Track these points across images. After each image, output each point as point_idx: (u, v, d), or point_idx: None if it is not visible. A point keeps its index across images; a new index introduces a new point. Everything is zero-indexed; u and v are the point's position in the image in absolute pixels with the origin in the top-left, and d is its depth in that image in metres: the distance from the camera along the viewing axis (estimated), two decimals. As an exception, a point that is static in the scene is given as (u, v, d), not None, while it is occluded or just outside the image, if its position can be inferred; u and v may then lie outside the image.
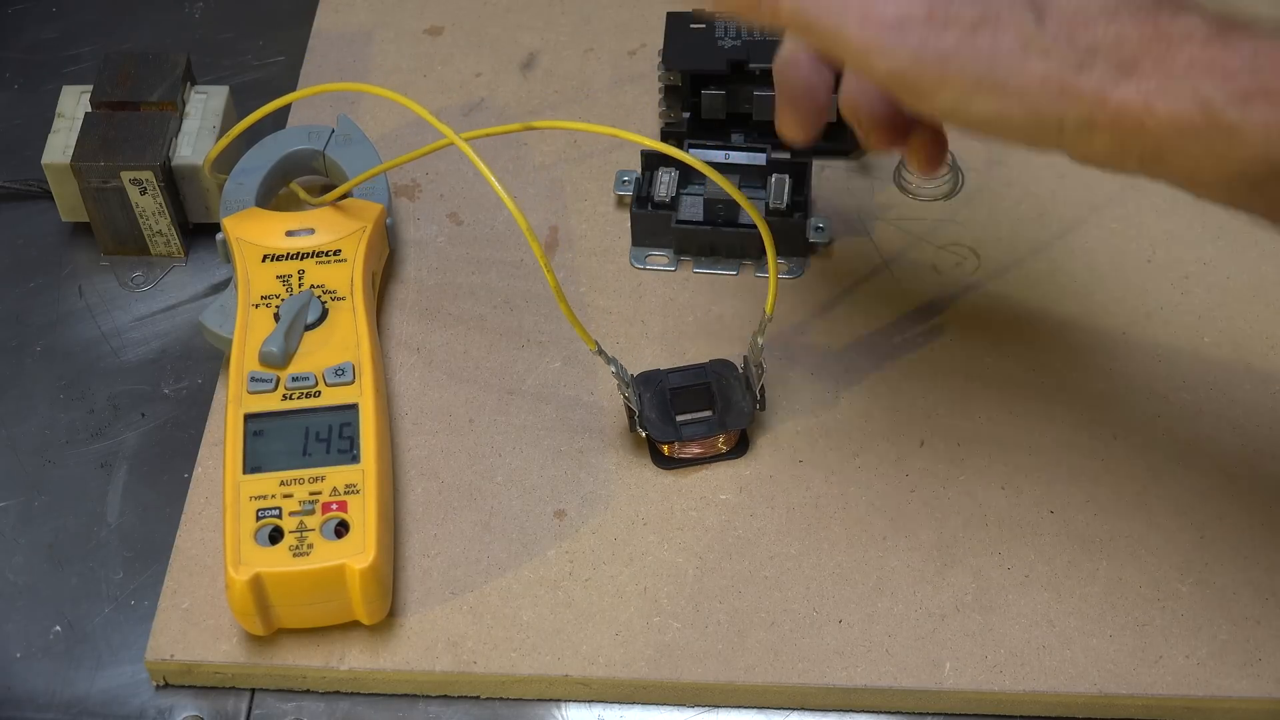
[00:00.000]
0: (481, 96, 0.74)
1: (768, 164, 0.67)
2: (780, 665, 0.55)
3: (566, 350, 0.64)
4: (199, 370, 0.65)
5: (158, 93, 0.67)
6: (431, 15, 0.78)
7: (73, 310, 0.68)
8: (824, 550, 0.58)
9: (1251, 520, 0.58)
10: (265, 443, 0.57)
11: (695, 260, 0.67)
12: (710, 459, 0.61)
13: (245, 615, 0.55)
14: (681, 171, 0.67)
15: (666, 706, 0.56)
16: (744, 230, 0.66)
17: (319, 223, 0.63)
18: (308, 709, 0.56)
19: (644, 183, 0.67)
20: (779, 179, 0.66)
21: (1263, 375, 0.63)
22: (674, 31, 0.70)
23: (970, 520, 0.59)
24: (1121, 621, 0.56)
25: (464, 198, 0.70)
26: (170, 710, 0.56)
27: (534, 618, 0.57)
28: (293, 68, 0.76)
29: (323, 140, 0.67)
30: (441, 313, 0.66)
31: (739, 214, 0.66)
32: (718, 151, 0.67)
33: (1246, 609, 0.56)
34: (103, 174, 0.66)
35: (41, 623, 0.58)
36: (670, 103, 0.70)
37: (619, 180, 0.69)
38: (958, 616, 0.56)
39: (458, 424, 0.62)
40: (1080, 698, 0.55)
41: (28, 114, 0.75)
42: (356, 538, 0.54)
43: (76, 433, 0.64)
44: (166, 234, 0.68)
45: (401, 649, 0.56)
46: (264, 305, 0.60)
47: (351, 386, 0.58)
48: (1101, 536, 0.58)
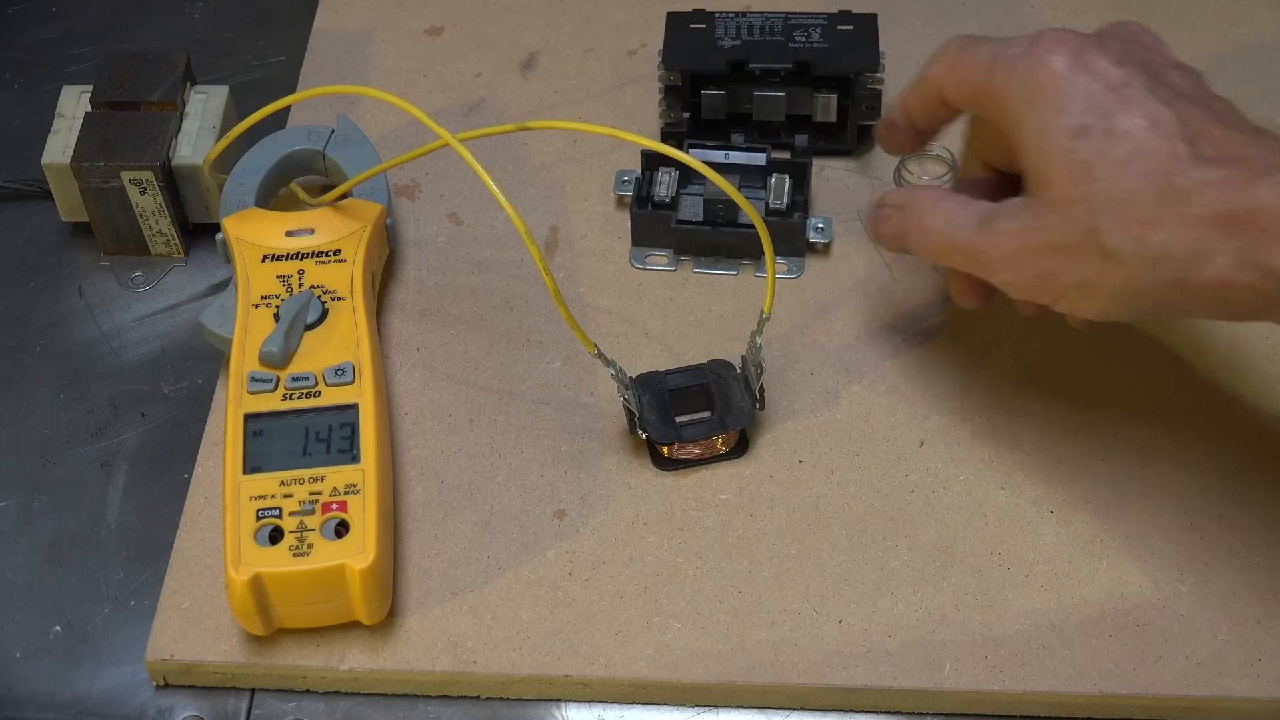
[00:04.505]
0: (481, 97, 0.74)
1: (767, 164, 0.67)
2: (780, 665, 0.55)
3: (566, 350, 0.64)
4: (199, 370, 0.65)
5: (158, 93, 0.67)
6: (431, 15, 0.78)
7: (73, 310, 0.68)
8: (824, 550, 0.58)
9: (1251, 520, 0.58)
10: (265, 443, 0.57)
11: (695, 260, 0.67)
12: (710, 459, 0.61)
13: (245, 615, 0.55)
14: (681, 171, 0.67)
15: (666, 706, 0.56)
16: (744, 230, 0.66)
17: (319, 223, 0.63)
18: (308, 709, 0.56)
19: (644, 183, 0.67)
20: (779, 179, 0.66)
21: (1263, 375, 0.63)
22: (674, 31, 0.70)
23: (970, 520, 0.59)
24: (1121, 621, 0.56)
25: (464, 198, 0.70)
26: (170, 710, 0.56)
27: (534, 618, 0.57)
28: (293, 68, 0.76)
29: (322, 140, 0.67)
30: (441, 313, 0.66)
31: (739, 214, 0.66)
32: (718, 151, 0.67)
33: (1246, 609, 0.56)
34: (103, 174, 0.66)
35: (41, 623, 0.58)
36: (670, 103, 0.70)
37: (619, 180, 0.69)
38: (958, 616, 0.56)
39: (458, 424, 0.62)
40: (1080, 698, 0.55)
41: (28, 114, 0.75)
42: (356, 538, 0.54)
43: (76, 433, 0.64)
44: (166, 234, 0.68)
45: (401, 649, 0.56)
46: (264, 305, 0.60)
47: (351, 386, 0.58)
48: (1101, 536, 0.58)
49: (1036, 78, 0.53)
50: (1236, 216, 0.49)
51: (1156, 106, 0.52)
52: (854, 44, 0.68)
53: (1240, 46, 0.75)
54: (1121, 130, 0.51)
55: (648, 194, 0.67)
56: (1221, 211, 0.50)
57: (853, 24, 0.69)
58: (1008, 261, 0.54)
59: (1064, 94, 0.52)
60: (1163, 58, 0.55)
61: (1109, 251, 0.51)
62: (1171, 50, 0.56)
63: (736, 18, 0.70)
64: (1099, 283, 0.52)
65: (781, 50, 0.68)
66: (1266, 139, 0.51)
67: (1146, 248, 0.51)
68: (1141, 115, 0.52)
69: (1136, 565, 0.58)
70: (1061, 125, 0.52)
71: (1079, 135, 0.52)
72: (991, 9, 0.77)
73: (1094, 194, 0.51)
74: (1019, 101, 0.54)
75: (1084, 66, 0.53)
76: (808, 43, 0.68)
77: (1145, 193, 0.51)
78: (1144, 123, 0.51)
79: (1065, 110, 0.52)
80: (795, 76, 0.68)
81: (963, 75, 0.56)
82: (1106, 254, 0.52)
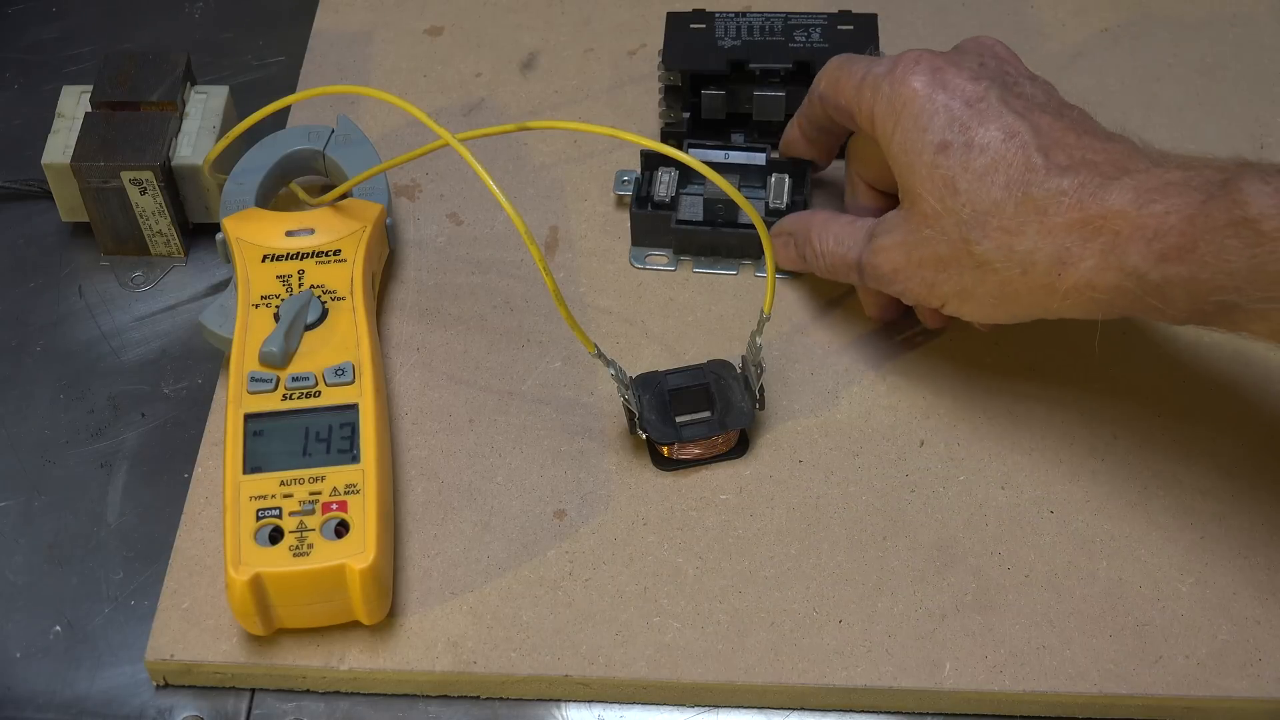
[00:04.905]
0: (481, 97, 0.74)
1: (767, 164, 0.67)
2: (780, 665, 0.55)
3: (566, 350, 0.64)
4: (199, 370, 0.65)
5: (158, 93, 0.67)
6: (431, 15, 0.78)
7: (73, 310, 0.68)
8: (824, 550, 0.58)
9: (1251, 520, 0.58)
10: (265, 443, 0.57)
11: (695, 260, 0.67)
12: (710, 459, 0.61)
13: (245, 615, 0.55)
14: (681, 171, 0.67)
15: (666, 706, 0.56)
16: (744, 230, 0.66)
17: (319, 223, 0.63)
18: (308, 709, 0.56)
19: (644, 183, 0.67)
20: (779, 179, 0.66)
21: (1263, 375, 0.63)
22: (674, 31, 0.70)
23: (970, 520, 0.59)
24: (1121, 621, 0.56)
25: (464, 198, 0.70)
26: (170, 710, 0.56)
27: (534, 618, 0.57)
28: (293, 68, 0.76)
29: (322, 140, 0.67)
30: (441, 313, 0.66)
31: (739, 214, 0.66)
32: (717, 151, 0.67)
33: (1246, 609, 0.56)
34: (103, 174, 0.66)
35: (41, 623, 0.58)
36: (670, 103, 0.70)
37: (619, 180, 0.69)
38: (958, 616, 0.56)
39: (458, 424, 0.62)
40: (1080, 698, 0.55)
41: (28, 114, 0.75)
42: (356, 538, 0.54)
43: (76, 433, 0.64)
44: (166, 234, 0.68)
45: (401, 649, 0.56)
46: (264, 305, 0.60)
47: (351, 386, 0.58)
48: (1101, 536, 0.58)
49: (900, 96, 0.56)
50: (1093, 221, 0.52)
51: (1011, 119, 0.54)
52: (854, 44, 0.68)
53: (1240, 47, 0.75)
54: (980, 144, 0.54)
55: (647, 194, 0.67)
56: (1078, 218, 0.52)
57: (853, 24, 0.69)
58: (895, 274, 0.58)
59: (925, 111, 0.56)
60: (1017, 69, 0.58)
61: (980, 260, 0.54)
62: (1023, 62, 0.59)
63: (736, 18, 0.70)
64: (975, 290, 0.56)
65: (781, 50, 0.68)
66: (1116, 143, 0.54)
67: (1014, 255, 0.54)
68: (998, 128, 0.54)
69: (1136, 565, 0.58)
70: (925, 142, 0.55)
71: (941, 150, 0.55)
72: (991, 9, 0.77)
73: (959, 206, 0.54)
74: (886, 120, 0.57)
75: (941, 84, 0.56)
76: (808, 43, 0.68)
77: (1007, 203, 0.53)
78: (1000, 135, 0.54)
79: (927, 127, 0.55)
80: (795, 76, 0.68)
81: (839, 94, 0.60)
82: (979, 263, 0.54)
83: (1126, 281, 0.52)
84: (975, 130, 0.55)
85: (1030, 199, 0.53)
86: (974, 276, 0.55)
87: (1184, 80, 0.74)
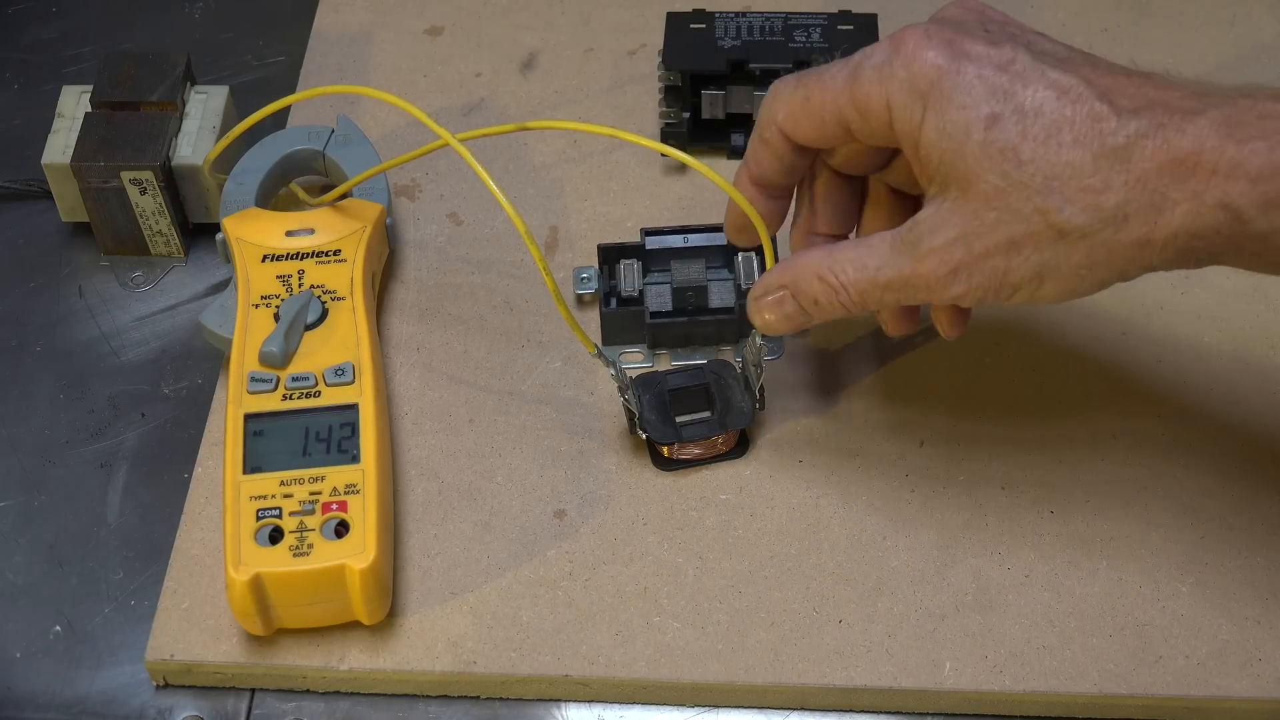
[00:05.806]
0: (481, 97, 0.74)
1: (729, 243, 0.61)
2: (780, 665, 0.55)
3: (566, 350, 0.64)
4: (199, 370, 0.65)
5: (158, 93, 0.67)
6: (431, 15, 0.78)
7: (73, 310, 0.68)
8: (824, 550, 0.58)
9: (1251, 520, 0.58)
10: (265, 443, 0.57)
11: (672, 353, 0.64)
12: (710, 459, 0.61)
13: (245, 615, 0.55)
14: (642, 261, 0.64)
15: (666, 706, 0.56)
16: (718, 317, 0.63)
17: (319, 223, 0.63)
18: (308, 709, 0.56)
19: (605, 277, 0.64)
20: (745, 257, 0.63)
21: (1263, 375, 0.63)
22: (674, 31, 0.70)
23: (970, 520, 0.59)
24: (1121, 621, 0.56)
25: (464, 198, 0.70)
26: (170, 710, 0.56)
27: (534, 618, 0.57)
28: (293, 68, 0.76)
29: (322, 140, 0.67)
30: (441, 313, 0.66)
31: (710, 299, 0.63)
32: (675, 236, 0.63)
33: (1246, 609, 0.56)
34: (103, 174, 0.66)
35: (41, 623, 0.58)
36: (670, 103, 0.70)
37: (577, 278, 0.65)
38: (958, 616, 0.56)
39: (458, 424, 0.62)
40: (1080, 698, 0.55)
41: (28, 114, 0.75)
42: (356, 538, 0.54)
43: (76, 433, 0.64)
44: (166, 234, 0.68)
45: (401, 649, 0.56)
46: (264, 305, 0.60)
47: (351, 386, 0.58)
48: (1101, 536, 0.58)
49: (923, 76, 0.50)
50: (1185, 160, 0.48)
51: (1055, 74, 0.50)
52: (854, 44, 0.68)
53: (1240, 46, 0.75)
54: (1032, 108, 0.49)
55: (612, 289, 0.64)
56: (1167, 159, 0.48)
57: (853, 24, 0.69)
58: (955, 274, 0.51)
59: (959, 87, 0.50)
60: (1018, 26, 0.53)
61: (1064, 229, 0.49)
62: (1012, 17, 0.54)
63: (736, 18, 0.70)
64: (1059, 265, 0.50)
65: (781, 50, 0.68)
66: (1168, 80, 0.50)
67: (1102, 213, 0.49)
68: (1045, 86, 0.49)
69: (1136, 565, 0.58)
70: (970, 119, 0.50)
71: (992, 124, 0.49)
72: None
73: (1029, 177, 0.49)
74: (910, 106, 0.51)
75: (964, 54, 0.50)
76: (808, 43, 0.68)
77: (1083, 160, 0.49)
78: (1051, 93, 0.49)
79: (965, 103, 0.50)
80: (795, 76, 0.68)
81: (817, 108, 0.53)
82: (1061, 232, 0.49)
83: (1227, 225, 0.47)
84: (1022, 94, 0.49)
85: (1108, 149, 0.48)
86: (1057, 250, 0.50)
87: (1184, 80, 0.74)
